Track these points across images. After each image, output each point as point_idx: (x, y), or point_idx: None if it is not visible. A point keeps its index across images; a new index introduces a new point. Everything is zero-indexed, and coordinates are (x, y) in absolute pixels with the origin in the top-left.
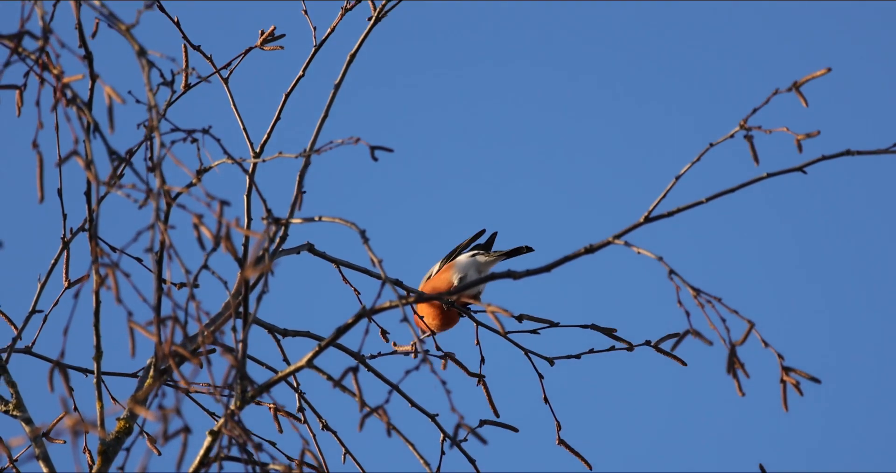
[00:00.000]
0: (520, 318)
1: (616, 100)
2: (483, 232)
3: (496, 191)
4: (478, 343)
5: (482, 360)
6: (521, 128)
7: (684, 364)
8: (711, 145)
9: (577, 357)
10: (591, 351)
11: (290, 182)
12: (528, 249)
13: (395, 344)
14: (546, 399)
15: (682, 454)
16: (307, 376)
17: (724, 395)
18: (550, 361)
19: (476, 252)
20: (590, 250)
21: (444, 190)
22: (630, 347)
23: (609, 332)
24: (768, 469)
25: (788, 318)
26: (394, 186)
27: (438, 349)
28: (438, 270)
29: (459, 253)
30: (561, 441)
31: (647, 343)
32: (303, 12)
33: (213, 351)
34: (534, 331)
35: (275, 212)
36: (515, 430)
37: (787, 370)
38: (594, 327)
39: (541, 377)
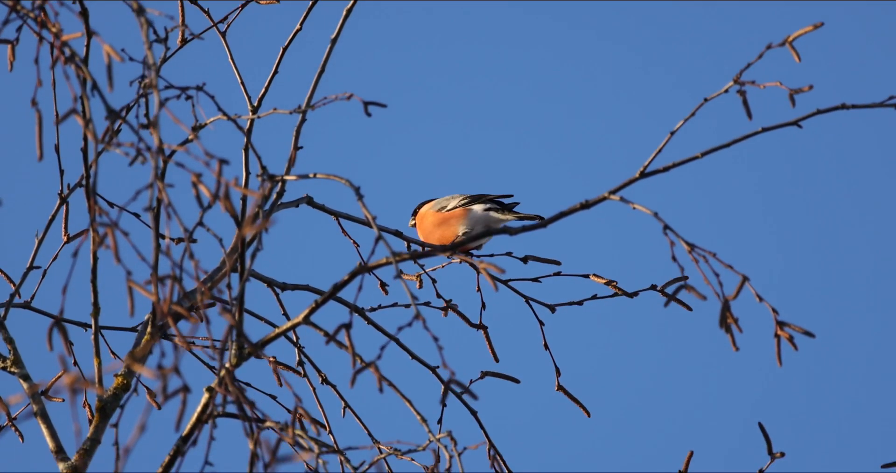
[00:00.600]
0: (525, 260)
1: (612, 56)
2: (511, 196)
3: (493, 148)
4: (479, 289)
5: (483, 306)
6: (518, 85)
7: (689, 308)
8: (706, 100)
9: (580, 303)
10: (595, 296)
11: (286, 137)
12: (541, 219)
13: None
14: (546, 346)
15: (678, 404)
16: (306, 330)
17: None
18: (552, 308)
19: (493, 206)
20: (585, 206)
21: (440, 145)
22: (632, 295)
23: (609, 283)
24: (766, 424)
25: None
26: (390, 141)
27: (440, 297)
28: (453, 207)
29: (480, 201)
30: (560, 387)
31: (653, 287)
32: None
33: (213, 304)
34: (535, 279)
35: (271, 168)
36: (517, 381)
37: (781, 324)
38: (595, 276)
39: (541, 324)
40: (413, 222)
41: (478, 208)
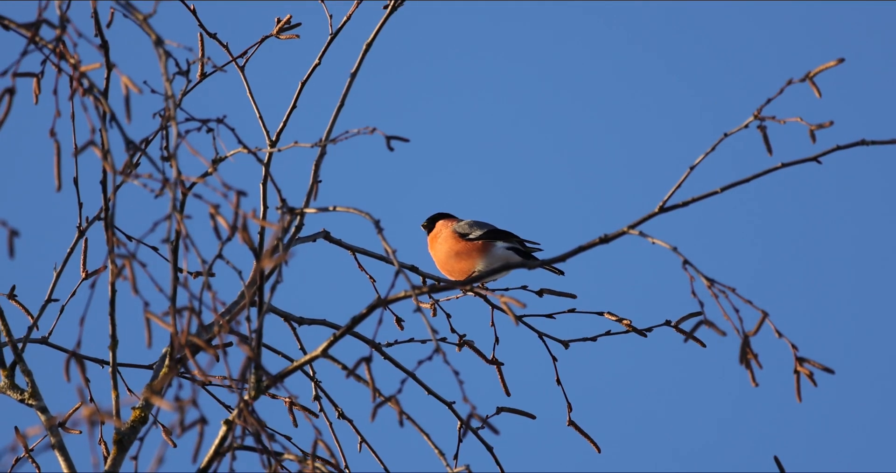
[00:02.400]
0: (540, 293)
1: (631, 90)
2: (538, 243)
3: (513, 180)
4: (493, 324)
5: (496, 341)
6: (539, 118)
7: (703, 345)
8: (726, 135)
9: (593, 339)
10: (609, 332)
11: (305, 170)
12: (560, 273)
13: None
14: (559, 381)
15: (691, 439)
16: (323, 365)
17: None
18: (565, 344)
19: (515, 247)
20: (605, 240)
21: (459, 178)
22: (645, 334)
23: (622, 321)
24: (783, 460)
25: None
26: (409, 174)
27: (454, 332)
28: (475, 238)
29: (504, 236)
30: (571, 423)
31: (668, 323)
32: (320, 1)
33: (230, 344)
34: (549, 315)
35: (290, 201)
36: (532, 417)
37: (800, 360)
38: (609, 314)
39: (555, 359)
40: (428, 227)
41: (500, 245)
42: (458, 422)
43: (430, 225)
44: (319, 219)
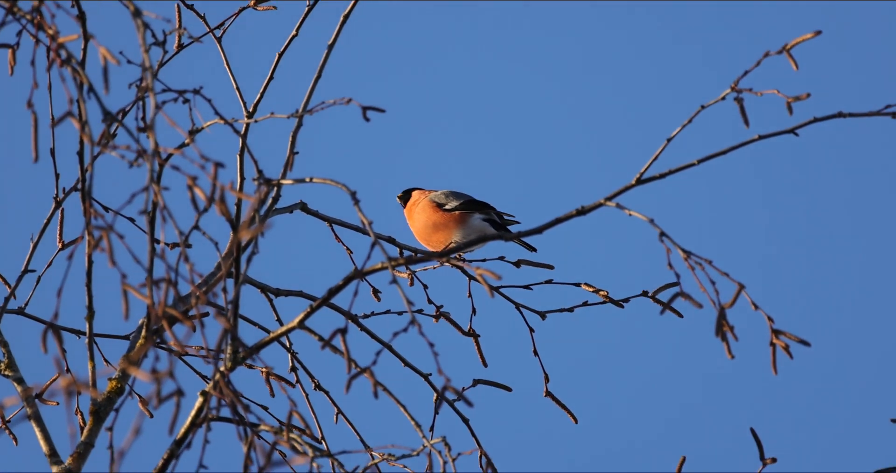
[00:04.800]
0: (518, 264)
1: (609, 62)
2: (513, 216)
3: (490, 152)
4: (470, 295)
5: (473, 311)
6: (516, 90)
7: (680, 315)
8: (703, 107)
9: (570, 310)
10: (585, 303)
11: (283, 142)
12: (532, 249)
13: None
14: (535, 352)
15: (669, 410)
16: (300, 336)
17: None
18: (542, 315)
19: (490, 219)
20: (581, 212)
21: (436, 150)
22: (622, 305)
23: (599, 292)
24: (758, 432)
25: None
26: (385, 146)
27: (431, 303)
28: (452, 209)
29: (481, 208)
30: (548, 393)
31: (644, 293)
32: None
33: (206, 314)
34: (526, 286)
35: (267, 172)
36: (509, 389)
37: (776, 333)
38: (586, 285)
39: (531, 330)
40: (402, 198)
41: (477, 217)
42: (434, 394)
43: (405, 195)
44: (296, 191)
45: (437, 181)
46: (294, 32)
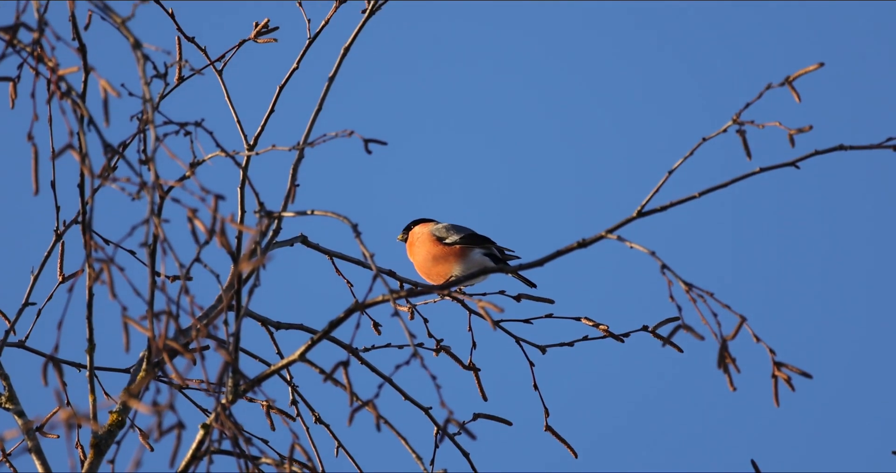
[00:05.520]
0: (518, 298)
1: (610, 96)
2: (513, 251)
3: (491, 185)
4: (470, 329)
5: (473, 345)
6: (518, 123)
7: (680, 350)
8: (704, 140)
9: (570, 344)
10: (586, 338)
11: (283, 174)
12: (532, 285)
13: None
14: (536, 386)
15: (669, 444)
16: (300, 369)
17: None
18: (542, 349)
19: (491, 253)
20: (582, 244)
21: (438, 183)
22: (622, 339)
23: (599, 326)
24: (760, 464)
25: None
26: (387, 178)
27: (431, 337)
28: (452, 243)
29: (481, 242)
30: (548, 428)
31: (645, 328)
32: (297, 4)
33: (207, 347)
34: (527, 320)
35: (268, 204)
36: (509, 424)
37: (778, 365)
38: (587, 319)
39: (531, 364)
40: (404, 238)
41: (477, 252)
42: (435, 427)
43: (405, 234)
44: (297, 223)
45: (438, 214)
46: (295, 65)
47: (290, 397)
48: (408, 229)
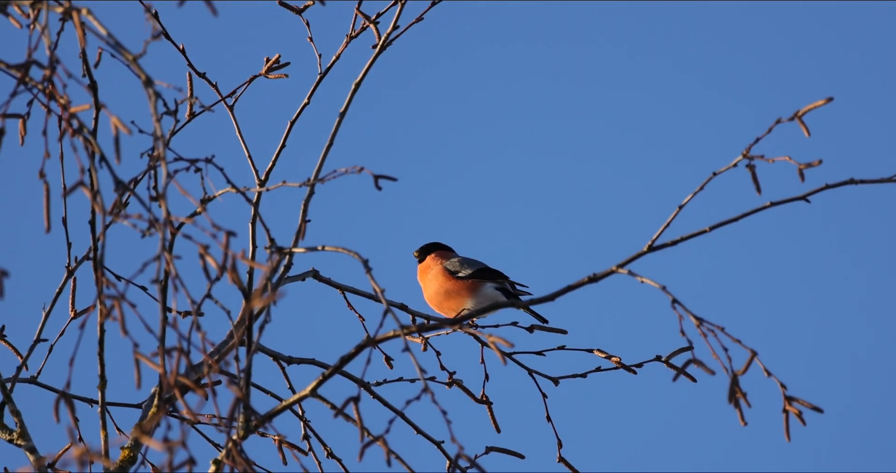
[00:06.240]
0: (531, 329)
1: (621, 128)
2: (526, 287)
3: (501, 220)
4: (482, 361)
5: (486, 377)
6: (527, 158)
7: (693, 380)
8: (714, 174)
9: (584, 375)
10: (599, 369)
11: (294, 209)
12: (544, 321)
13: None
14: (549, 418)
15: None
16: (312, 404)
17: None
18: (555, 381)
19: (503, 288)
20: (593, 279)
21: (449, 216)
22: (634, 371)
23: (611, 358)
24: None
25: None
26: (398, 213)
27: (443, 369)
28: (465, 277)
29: (494, 277)
30: (561, 459)
31: (658, 358)
32: (308, 40)
33: (219, 382)
34: (539, 353)
35: (279, 240)
36: (521, 457)
37: (789, 399)
38: (599, 351)
39: (544, 396)
40: (420, 257)
41: (489, 286)
42: (447, 462)
43: (421, 256)
44: (308, 259)
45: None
46: (306, 101)
47: (303, 431)
48: (426, 250)
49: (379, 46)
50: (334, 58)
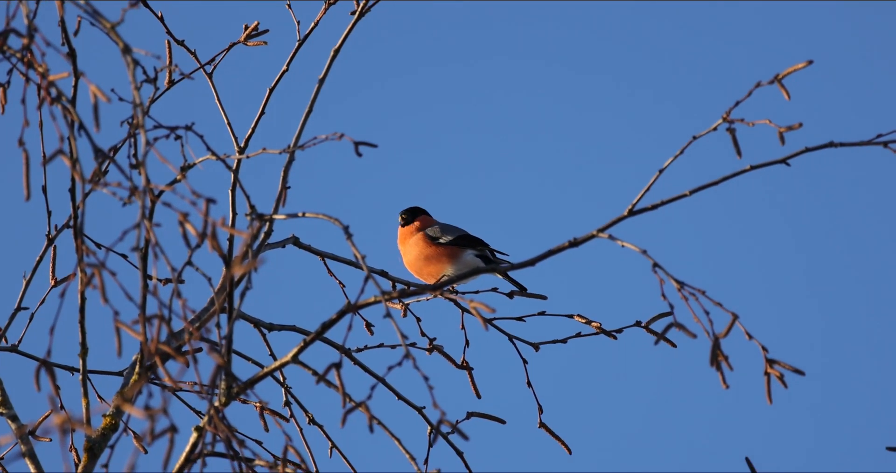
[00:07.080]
0: (511, 295)
1: (600, 92)
2: (507, 255)
3: (481, 185)
4: (463, 327)
5: (466, 343)
6: (506, 122)
7: (674, 345)
8: (694, 138)
9: (564, 341)
10: (579, 334)
11: (274, 177)
12: (522, 288)
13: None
14: (529, 384)
15: (663, 442)
16: (293, 370)
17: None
18: (535, 346)
19: (483, 255)
20: (574, 244)
21: (429, 183)
22: (614, 336)
23: (591, 323)
24: (754, 461)
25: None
26: (378, 180)
27: (424, 335)
28: (446, 243)
29: (474, 244)
30: (542, 425)
31: (638, 323)
32: (286, 7)
33: (200, 350)
34: (519, 318)
35: (259, 207)
36: (503, 422)
37: (770, 362)
38: (579, 317)
39: (525, 362)
40: (405, 219)
41: (469, 253)
42: (429, 427)
43: (408, 218)
44: (289, 225)
45: (430, 212)
46: (285, 68)
47: (284, 398)
48: (413, 213)
49: (357, 13)
50: (312, 24)
